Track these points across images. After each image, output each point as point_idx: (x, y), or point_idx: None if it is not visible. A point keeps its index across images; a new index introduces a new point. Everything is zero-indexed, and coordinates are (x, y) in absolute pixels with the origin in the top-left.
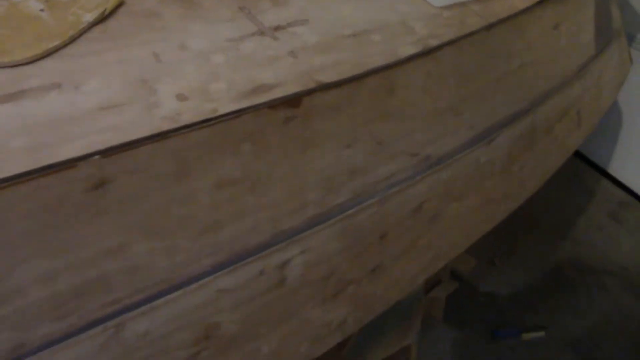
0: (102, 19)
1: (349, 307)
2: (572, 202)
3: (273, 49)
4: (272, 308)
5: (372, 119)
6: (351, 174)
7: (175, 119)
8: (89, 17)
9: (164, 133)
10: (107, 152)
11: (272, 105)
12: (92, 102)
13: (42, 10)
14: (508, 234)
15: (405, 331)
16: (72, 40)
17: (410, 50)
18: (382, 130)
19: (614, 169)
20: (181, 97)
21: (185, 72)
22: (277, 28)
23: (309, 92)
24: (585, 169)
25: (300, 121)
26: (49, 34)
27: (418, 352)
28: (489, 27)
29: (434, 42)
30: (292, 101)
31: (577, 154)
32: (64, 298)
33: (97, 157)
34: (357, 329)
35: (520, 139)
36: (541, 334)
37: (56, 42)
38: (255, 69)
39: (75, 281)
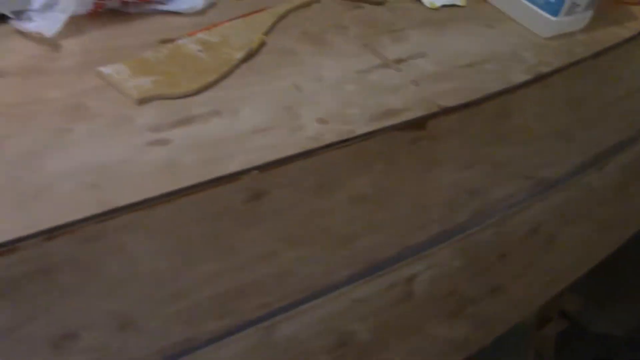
0: (249, 56)
1: (470, 326)
2: None
3: (397, 79)
4: (400, 320)
5: (489, 142)
6: (471, 194)
7: (318, 139)
8: (239, 55)
9: (309, 151)
10: (264, 168)
11: (401, 127)
12: (247, 125)
13: (199, 51)
14: (619, 270)
15: None
16: (226, 75)
17: (522, 77)
18: (498, 153)
19: None
20: (321, 121)
21: (323, 100)
22: (399, 61)
23: (433, 116)
24: None
25: (425, 142)
26: (207, 70)
27: None
28: (596, 55)
29: (544, 70)
30: (418, 124)
31: None
32: (225, 298)
33: (255, 171)
34: (477, 349)
35: (632, 165)
36: None
37: (214, 77)
38: (383, 96)
39: (235, 283)
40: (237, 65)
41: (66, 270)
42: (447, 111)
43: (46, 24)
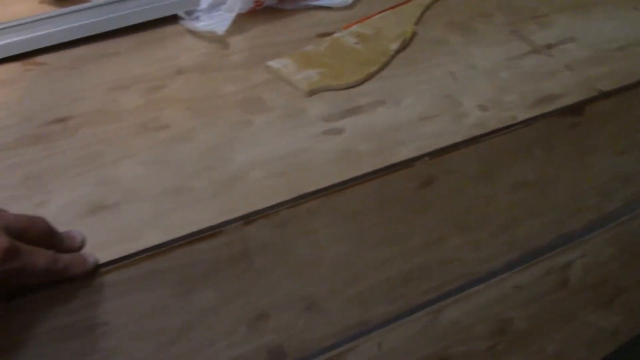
0: (403, 47)
1: (621, 316)
2: None
3: (550, 64)
4: (555, 308)
5: None
6: (624, 181)
7: (482, 126)
8: (394, 46)
9: (475, 138)
10: (434, 154)
11: (560, 113)
12: (412, 114)
13: (356, 43)
14: None
15: None
16: (384, 66)
17: None
18: None
19: None
20: (482, 108)
21: (480, 87)
22: (549, 46)
23: (592, 100)
24: None
25: (583, 128)
26: (367, 61)
27: None
28: None
29: None
30: (577, 109)
31: None
32: (395, 283)
33: (426, 158)
34: (627, 339)
35: None
36: None
37: (374, 68)
38: (538, 82)
39: (404, 268)
40: (393, 56)
41: (261, 254)
42: (605, 95)
43: (215, 22)
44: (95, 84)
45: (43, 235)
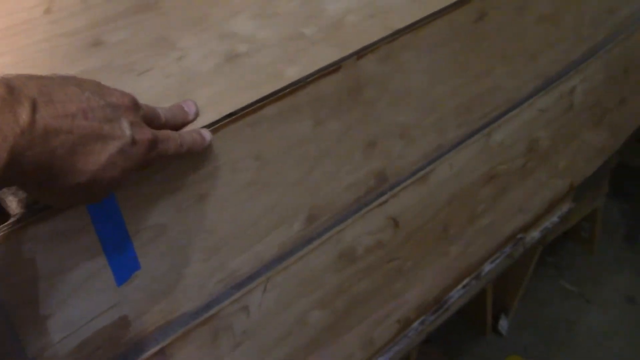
0: None
1: (607, 133)
2: None
3: None
4: (565, 128)
5: None
6: (608, 13)
7: None
8: None
9: None
10: None
11: None
12: None
13: None
14: None
15: (596, 194)
16: None
17: None
18: None
19: None
20: None
21: None
22: None
23: None
24: None
25: None
26: None
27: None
28: None
29: None
30: None
31: None
32: (460, 110)
33: None
34: (609, 155)
35: None
36: None
37: None
38: None
39: (466, 97)
40: None
41: (369, 86)
42: None
43: None
44: None
45: (167, 120)
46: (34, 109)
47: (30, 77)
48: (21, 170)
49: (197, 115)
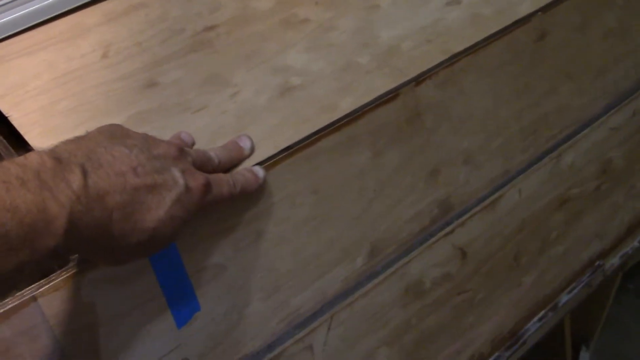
0: None
1: None
2: None
3: None
4: (639, 146)
5: None
6: None
7: None
8: None
9: None
10: (544, 9)
11: None
12: None
13: None
14: None
15: None
16: None
17: None
18: None
19: None
20: None
21: None
22: None
23: None
24: None
25: None
26: None
27: None
28: None
29: None
30: None
31: None
32: (526, 133)
33: (539, 13)
34: None
35: None
36: None
37: None
38: None
39: (531, 118)
40: None
41: (429, 113)
42: None
43: None
44: None
45: (221, 161)
46: (84, 174)
47: (77, 145)
48: (81, 236)
49: (252, 150)
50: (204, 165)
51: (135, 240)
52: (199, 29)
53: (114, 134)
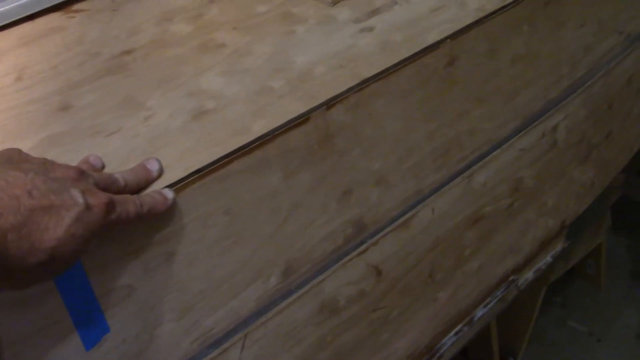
0: None
1: (594, 170)
2: None
3: None
4: (551, 166)
5: (595, 2)
6: (585, 51)
7: (483, 9)
8: None
9: (480, 20)
10: (453, 37)
11: None
12: (424, 7)
13: None
14: None
15: (598, 230)
16: None
17: None
18: (599, 12)
19: None
20: None
21: None
22: None
23: None
24: None
25: (554, 5)
26: None
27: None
28: None
29: None
30: None
31: None
32: (437, 154)
33: (448, 40)
34: (600, 191)
35: None
36: None
37: None
38: None
39: (443, 140)
40: None
41: (340, 136)
42: None
43: None
44: (141, 20)
45: (127, 183)
46: None
47: None
48: None
49: (160, 172)
50: (109, 187)
51: (34, 261)
52: (116, 53)
53: (11, 159)
